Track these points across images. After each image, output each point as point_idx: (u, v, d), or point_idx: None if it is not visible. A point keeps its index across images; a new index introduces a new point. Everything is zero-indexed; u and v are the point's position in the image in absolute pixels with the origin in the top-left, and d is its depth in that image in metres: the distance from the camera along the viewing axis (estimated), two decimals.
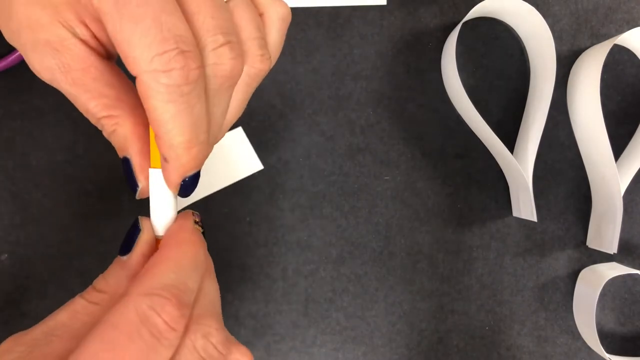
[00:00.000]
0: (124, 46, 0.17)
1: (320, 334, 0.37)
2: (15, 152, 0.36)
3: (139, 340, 0.17)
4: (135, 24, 0.17)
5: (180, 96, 0.18)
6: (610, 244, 0.36)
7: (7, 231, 0.36)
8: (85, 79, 0.21)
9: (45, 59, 0.20)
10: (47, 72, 0.21)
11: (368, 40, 0.37)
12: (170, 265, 0.19)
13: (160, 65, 0.17)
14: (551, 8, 0.38)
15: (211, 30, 0.19)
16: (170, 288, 0.18)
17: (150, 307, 0.18)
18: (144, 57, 0.17)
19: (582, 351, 0.38)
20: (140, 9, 0.17)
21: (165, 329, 0.18)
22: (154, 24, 0.17)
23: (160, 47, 0.17)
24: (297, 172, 0.37)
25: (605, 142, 0.34)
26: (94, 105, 0.21)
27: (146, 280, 0.19)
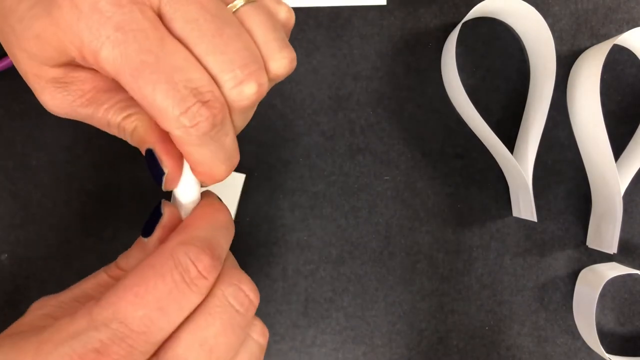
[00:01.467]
0: (148, 109, 0.19)
1: (320, 334, 0.37)
2: (15, 152, 0.36)
3: (170, 282, 0.19)
4: (153, 90, 0.18)
5: (211, 140, 0.20)
6: (610, 244, 0.36)
7: (7, 231, 0.36)
8: (98, 95, 0.22)
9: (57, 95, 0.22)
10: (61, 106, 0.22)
11: (368, 40, 0.37)
12: (206, 222, 0.21)
13: (187, 122, 0.19)
14: (551, 8, 0.38)
15: (226, 69, 0.19)
16: (206, 240, 0.20)
17: (186, 254, 0.19)
18: (169, 117, 0.18)
19: (582, 351, 0.38)
20: (154, 75, 0.18)
21: (196, 275, 0.19)
22: (170, 86, 0.18)
23: (182, 105, 0.18)
24: (297, 172, 0.37)
25: (605, 142, 0.34)
26: (113, 112, 0.22)
27: (184, 232, 0.20)
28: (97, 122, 0.23)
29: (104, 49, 0.18)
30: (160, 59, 0.18)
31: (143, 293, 0.18)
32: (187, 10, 0.19)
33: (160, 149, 0.22)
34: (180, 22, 0.19)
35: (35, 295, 0.36)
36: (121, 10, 0.18)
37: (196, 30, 0.19)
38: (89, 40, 0.18)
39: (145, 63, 0.18)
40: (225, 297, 0.20)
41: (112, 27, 0.18)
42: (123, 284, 0.19)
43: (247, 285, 0.21)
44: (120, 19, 0.18)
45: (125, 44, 0.18)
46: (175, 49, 0.19)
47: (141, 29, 0.18)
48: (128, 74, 0.18)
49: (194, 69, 0.19)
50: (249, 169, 0.37)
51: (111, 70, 0.18)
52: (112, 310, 0.18)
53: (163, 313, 0.18)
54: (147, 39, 0.18)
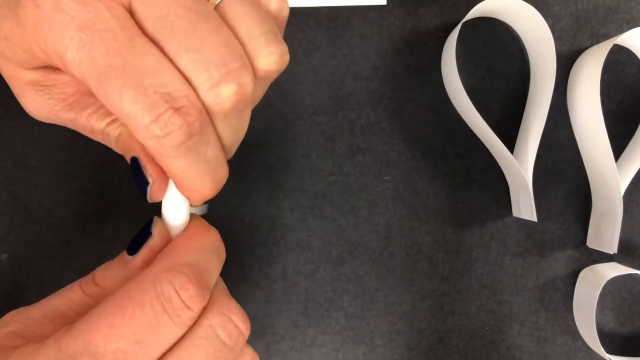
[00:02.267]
0: (118, 115, 0.17)
1: (320, 334, 0.37)
2: (15, 152, 0.36)
3: (150, 312, 0.17)
4: (120, 96, 0.16)
5: (188, 150, 0.17)
6: (610, 244, 0.36)
7: (7, 231, 0.36)
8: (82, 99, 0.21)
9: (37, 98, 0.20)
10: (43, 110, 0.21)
11: (368, 40, 0.37)
12: (194, 247, 0.19)
13: (158, 131, 0.17)
14: (551, 8, 0.38)
15: (200, 68, 0.17)
16: (193, 267, 0.18)
17: (169, 282, 0.17)
18: (139, 125, 0.17)
19: (582, 351, 0.38)
20: (120, 80, 0.16)
21: (180, 306, 0.17)
22: (138, 91, 0.16)
23: (152, 113, 0.16)
24: (297, 172, 0.37)
25: (605, 142, 0.34)
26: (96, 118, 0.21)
27: (170, 256, 0.19)
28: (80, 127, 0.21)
29: (68, 51, 0.16)
30: (128, 61, 0.16)
31: (118, 324, 0.17)
32: (157, 6, 0.17)
33: (145, 157, 0.20)
34: (151, 19, 0.17)
35: (35, 295, 0.36)
36: (86, 8, 0.16)
37: (167, 27, 0.17)
38: (53, 43, 0.17)
39: (111, 67, 0.16)
40: (212, 327, 0.18)
41: (75, 27, 0.16)
42: (97, 313, 0.17)
43: (237, 314, 0.19)
44: (84, 18, 0.16)
45: (91, 46, 0.16)
46: (145, 50, 0.17)
47: (108, 29, 0.16)
48: (94, 79, 0.16)
49: (166, 72, 0.17)
50: (249, 169, 0.37)
51: (78, 74, 0.17)
52: (83, 341, 0.17)
53: (140, 347, 0.17)
54: (115, 39, 0.16)
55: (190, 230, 0.21)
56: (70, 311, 0.20)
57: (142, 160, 0.20)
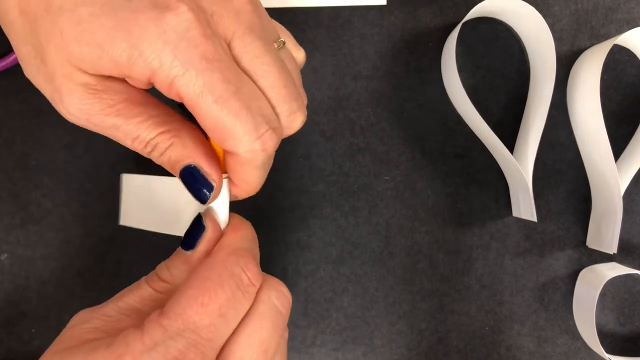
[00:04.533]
0: (224, 133, 0.20)
1: (320, 334, 0.37)
2: (15, 152, 0.36)
3: (228, 289, 0.20)
4: (235, 117, 0.20)
5: (268, 161, 0.22)
6: (610, 244, 0.36)
7: (7, 231, 0.36)
8: (131, 106, 0.22)
9: (86, 100, 0.21)
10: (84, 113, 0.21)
11: (368, 40, 0.37)
12: (244, 236, 0.23)
13: (259, 146, 0.21)
14: (551, 8, 0.38)
15: (286, 101, 0.22)
16: (249, 251, 0.22)
17: (237, 264, 0.21)
18: (244, 141, 0.20)
19: (582, 351, 0.38)
20: (237, 103, 0.20)
21: (248, 283, 0.21)
22: (249, 114, 0.20)
23: (259, 131, 0.20)
24: (297, 172, 0.37)
25: (605, 142, 0.34)
26: (146, 127, 0.22)
27: (230, 244, 0.22)
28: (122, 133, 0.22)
29: (187, 75, 0.19)
30: (239, 88, 0.20)
31: (207, 302, 0.20)
32: (256, 47, 0.21)
33: (208, 164, 0.22)
34: (250, 57, 0.21)
35: (35, 295, 0.36)
36: (207, 40, 0.19)
37: (265, 65, 0.21)
38: (171, 66, 0.19)
39: (228, 91, 0.20)
40: (272, 300, 0.22)
41: (198, 56, 0.19)
42: (186, 295, 0.20)
43: (284, 287, 0.23)
44: (206, 49, 0.19)
45: (210, 72, 0.19)
46: (247, 80, 0.21)
47: (222, 60, 0.20)
48: (211, 101, 0.19)
49: (263, 98, 0.21)
50: None
51: (190, 95, 0.20)
52: (182, 320, 0.19)
53: (224, 320, 0.20)
54: (228, 69, 0.20)
55: (234, 223, 0.25)
56: (145, 307, 0.22)
57: (204, 166, 0.22)
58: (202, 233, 0.24)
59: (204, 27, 0.20)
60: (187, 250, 0.24)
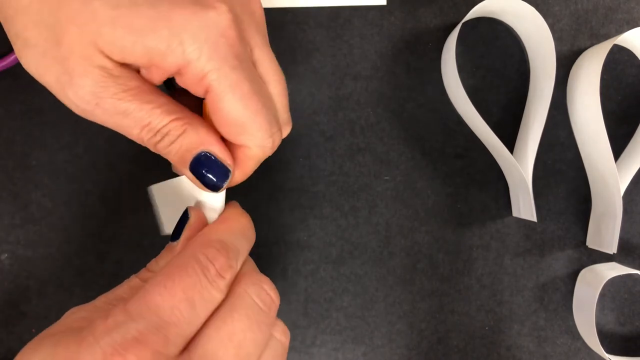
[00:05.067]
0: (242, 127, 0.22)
1: (320, 334, 0.37)
2: (15, 152, 0.36)
3: (194, 276, 0.20)
4: (255, 114, 0.22)
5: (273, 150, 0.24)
6: (610, 244, 0.36)
7: (7, 231, 0.36)
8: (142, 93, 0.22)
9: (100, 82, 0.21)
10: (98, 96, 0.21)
11: (368, 40, 0.37)
12: (224, 228, 0.24)
13: (269, 143, 0.23)
14: (551, 8, 0.38)
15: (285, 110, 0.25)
16: (222, 243, 0.22)
17: (204, 254, 0.21)
18: (258, 137, 0.22)
19: (582, 351, 0.38)
20: (260, 102, 0.22)
21: (215, 273, 0.21)
22: (267, 113, 0.22)
23: (273, 129, 0.23)
24: (297, 172, 0.37)
25: (605, 142, 0.34)
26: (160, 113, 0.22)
27: (203, 235, 0.23)
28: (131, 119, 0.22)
29: (221, 70, 0.21)
30: (261, 89, 0.22)
31: (170, 285, 0.20)
32: (270, 58, 0.23)
33: (224, 151, 0.23)
34: (265, 66, 0.23)
35: (35, 295, 0.36)
36: (239, 42, 0.21)
37: (276, 75, 0.24)
38: (208, 58, 0.20)
39: (252, 90, 0.21)
40: (249, 294, 0.22)
41: (233, 53, 0.21)
42: (152, 281, 0.21)
43: (268, 285, 0.23)
44: (238, 50, 0.21)
45: (241, 71, 0.21)
46: (263, 84, 0.23)
47: (249, 61, 0.22)
48: (238, 97, 0.21)
49: (273, 102, 0.23)
50: None
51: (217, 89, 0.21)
52: (145, 303, 0.20)
53: (189, 305, 0.20)
54: (252, 71, 0.22)
55: (224, 215, 0.25)
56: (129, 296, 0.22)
57: (219, 152, 0.23)
58: (185, 223, 0.24)
59: (238, 30, 0.21)
60: (173, 241, 0.24)
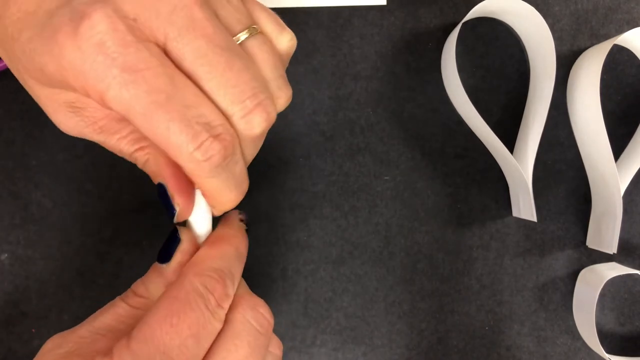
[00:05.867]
0: (161, 144, 0.19)
1: (320, 334, 0.37)
2: (15, 152, 0.36)
3: (197, 310, 0.20)
4: (167, 129, 0.18)
5: (222, 170, 0.20)
6: (610, 244, 0.36)
7: (7, 231, 0.36)
8: (111, 124, 0.22)
9: (70, 118, 0.22)
10: (74, 129, 0.22)
11: (368, 40, 0.37)
12: (219, 254, 0.22)
13: (200, 156, 0.19)
14: (551, 8, 0.38)
15: (236, 100, 0.19)
16: (219, 272, 0.21)
17: (203, 285, 0.20)
18: (182, 153, 0.19)
19: (582, 351, 0.38)
20: (166, 114, 0.18)
21: (215, 304, 0.20)
22: (183, 124, 0.18)
23: (196, 141, 0.18)
24: (297, 172, 0.37)
25: (605, 142, 0.34)
26: (125, 143, 0.22)
27: (198, 263, 0.22)
28: (109, 148, 0.23)
29: (110, 90, 0.18)
30: (171, 97, 0.18)
31: (176, 322, 0.19)
32: (196, 46, 0.19)
33: (173, 186, 0.22)
34: (190, 58, 0.19)
35: (35, 295, 0.36)
36: (127, 50, 0.18)
37: (206, 66, 0.19)
38: (94, 82, 0.18)
39: (156, 102, 0.18)
40: (247, 320, 0.21)
41: (118, 68, 0.17)
42: (155, 317, 0.19)
43: (263, 307, 0.22)
44: (126, 59, 0.18)
45: (134, 85, 0.18)
46: (184, 85, 0.18)
47: (149, 68, 0.18)
48: (139, 114, 0.18)
49: (204, 104, 0.19)
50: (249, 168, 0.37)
51: (120, 109, 0.18)
52: (152, 343, 0.19)
53: (195, 340, 0.19)
54: (156, 77, 0.18)
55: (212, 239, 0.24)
56: (121, 325, 0.22)
57: (170, 189, 0.22)
58: (177, 246, 0.23)
59: (121, 35, 0.18)
60: (162, 264, 0.23)
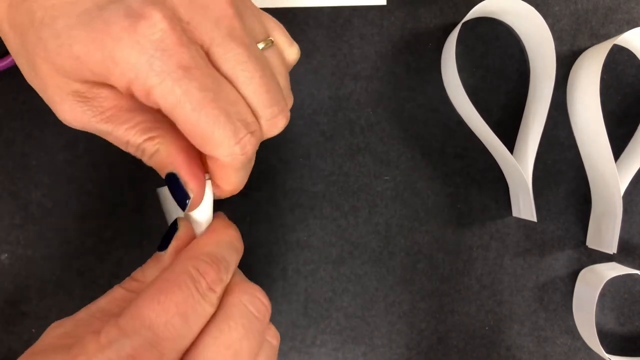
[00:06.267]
0: (204, 138, 0.20)
1: (320, 333, 0.37)
2: (15, 152, 0.36)
3: (186, 290, 0.20)
4: (214, 123, 0.20)
5: (249, 163, 0.23)
6: (610, 244, 0.36)
7: (7, 231, 0.36)
8: (120, 113, 0.22)
9: (76, 107, 0.22)
10: (79, 120, 0.22)
11: (368, 40, 0.37)
12: (213, 240, 0.23)
13: (238, 150, 0.21)
14: (551, 8, 0.38)
15: (267, 105, 0.22)
16: (212, 256, 0.22)
17: (195, 268, 0.21)
18: (223, 146, 0.21)
19: (582, 351, 0.38)
20: (215, 110, 0.20)
21: (206, 287, 0.21)
22: (227, 119, 0.20)
23: (237, 136, 0.21)
24: (297, 172, 0.37)
25: (605, 142, 0.35)
26: (134, 133, 0.23)
27: (192, 248, 0.22)
28: (114, 139, 0.23)
29: (163, 84, 0.19)
30: (218, 94, 0.20)
31: (163, 300, 0.20)
32: (237, 53, 0.21)
33: (187, 173, 0.23)
34: (231, 63, 0.21)
35: (35, 295, 0.36)
36: (182, 49, 0.19)
37: (246, 72, 0.21)
38: (147, 76, 0.19)
39: (206, 98, 0.20)
40: (243, 304, 0.22)
41: (174, 65, 0.19)
42: (144, 296, 0.20)
43: (261, 293, 0.23)
44: (181, 58, 0.19)
45: (187, 81, 0.19)
46: (226, 86, 0.21)
47: (199, 67, 0.20)
48: (189, 109, 0.20)
49: (242, 104, 0.21)
50: None
51: (168, 103, 0.20)
52: (138, 319, 0.19)
53: (183, 319, 0.20)
54: (205, 76, 0.20)
55: (212, 227, 0.25)
56: (115, 308, 0.22)
57: (183, 176, 0.23)
58: (174, 233, 0.24)
59: (179, 35, 0.19)
60: (161, 251, 0.24)
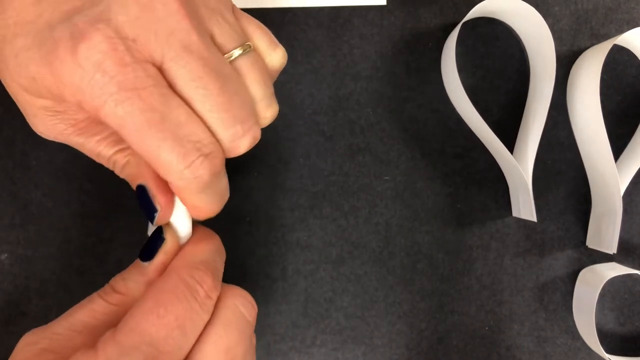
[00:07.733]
0: (151, 161, 0.19)
1: (320, 334, 0.37)
2: (15, 152, 0.36)
3: (184, 301, 0.20)
4: (158, 147, 0.19)
5: (209, 187, 0.21)
6: (610, 244, 0.36)
7: (7, 231, 0.36)
8: (91, 126, 0.22)
9: (48, 121, 0.22)
10: (52, 132, 0.22)
11: (368, 40, 0.37)
12: (204, 248, 0.23)
13: (190, 175, 0.19)
14: (551, 8, 0.38)
15: (228, 125, 0.20)
16: (206, 264, 0.22)
17: (192, 277, 0.21)
18: (172, 170, 0.19)
19: (582, 351, 0.38)
20: (159, 133, 0.19)
21: (204, 295, 0.21)
22: (174, 142, 0.19)
23: (187, 160, 0.19)
24: (297, 172, 0.37)
25: (605, 142, 0.34)
26: (105, 145, 0.23)
27: (187, 257, 0.22)
28: (87, 151, 0.23)
29: (106, 106, 0.18)
30: (165, 116, 0.19)
31: (163, 314, 0.19)
32: (191, 68, 0.19)
33: (154, 186, 0.22)
34: (185, 80, 0.19)
35: (35, 295, 0.36)
36: (125, 69, 0.18)
37: (201, 89, 0.19)
38: (91, 98, 0.18)
39: (150, 121, 0.18)
40: (237, 307, 0.22)
41: (115, 86, 0.18)
42: (141, 309, 0.20)
43: (250, 297, 0.23)
44: (123, 78, 0.18)
45: (130, 102, 0.18)
46: (177, 105, 0.19)
47: (145, 87, 0.18)
48: (132, 131, 0.18)
49: (196, 124, 0.19)
50: (249, 168, 0.37)
51: (114, 125, 0.19)
52: (138, 334, 0.19)
53: (182, 332, 0.20)
54: (151, 96, 0.18)
55: (197, 235, 0.24)
56: (96, 321, 0.21)
57: (151, 189, 0.22)
58: (160, 244, 0.23)
59: (120, 56, 0.18)
60: (144, 262, 0.23)
